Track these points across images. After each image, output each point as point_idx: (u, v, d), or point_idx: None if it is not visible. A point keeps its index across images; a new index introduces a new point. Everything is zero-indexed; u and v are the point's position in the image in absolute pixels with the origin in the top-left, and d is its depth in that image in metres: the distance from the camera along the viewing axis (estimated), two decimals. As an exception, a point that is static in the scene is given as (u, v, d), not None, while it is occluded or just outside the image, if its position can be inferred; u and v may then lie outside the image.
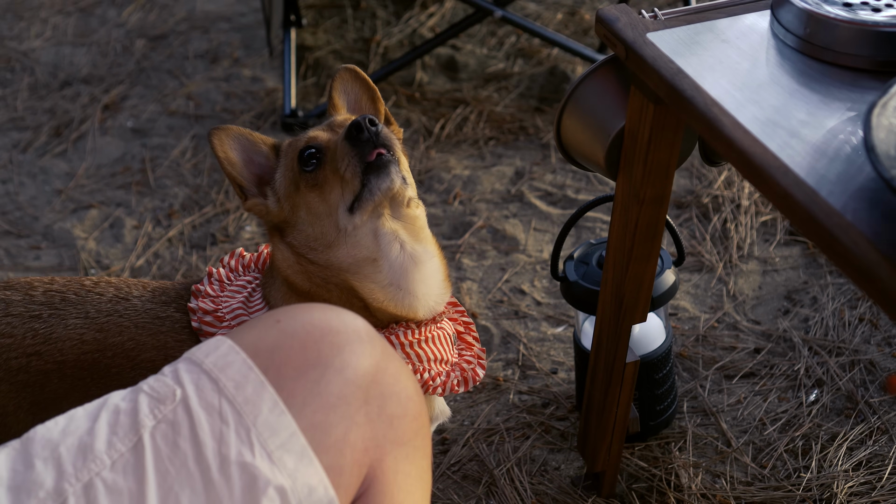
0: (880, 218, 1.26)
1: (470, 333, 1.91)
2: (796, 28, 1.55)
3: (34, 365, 1.72)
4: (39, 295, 1.77)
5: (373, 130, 1.69)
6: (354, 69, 1.88)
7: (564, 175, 3.02)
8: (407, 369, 1.45)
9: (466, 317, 1.92)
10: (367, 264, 1.74)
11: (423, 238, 1.79)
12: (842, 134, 1.39)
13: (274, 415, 1.30)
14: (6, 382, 1.72)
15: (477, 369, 1.85)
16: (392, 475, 1.39)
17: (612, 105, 1.70)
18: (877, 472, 2.15)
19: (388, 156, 1.70)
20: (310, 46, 3.58)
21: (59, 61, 3.62)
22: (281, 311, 1.42)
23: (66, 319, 1.74)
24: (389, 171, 1.70)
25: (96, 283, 1.80)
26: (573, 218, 2.09)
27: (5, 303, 1.76)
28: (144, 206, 3.01)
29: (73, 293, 1.78)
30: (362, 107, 1.89)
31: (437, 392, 1.79)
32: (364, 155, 1.68)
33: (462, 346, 1.90)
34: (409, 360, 1.76)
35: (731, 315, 2.55)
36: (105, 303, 1.77)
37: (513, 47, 3.55)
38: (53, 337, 1.73)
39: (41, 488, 1.24)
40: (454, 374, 1.81)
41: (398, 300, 1.76)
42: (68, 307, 1.76)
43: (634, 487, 2.17)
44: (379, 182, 1.69)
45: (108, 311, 1.75)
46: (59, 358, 1.72)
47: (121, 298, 1.78)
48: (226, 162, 1.78)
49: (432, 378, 1.78)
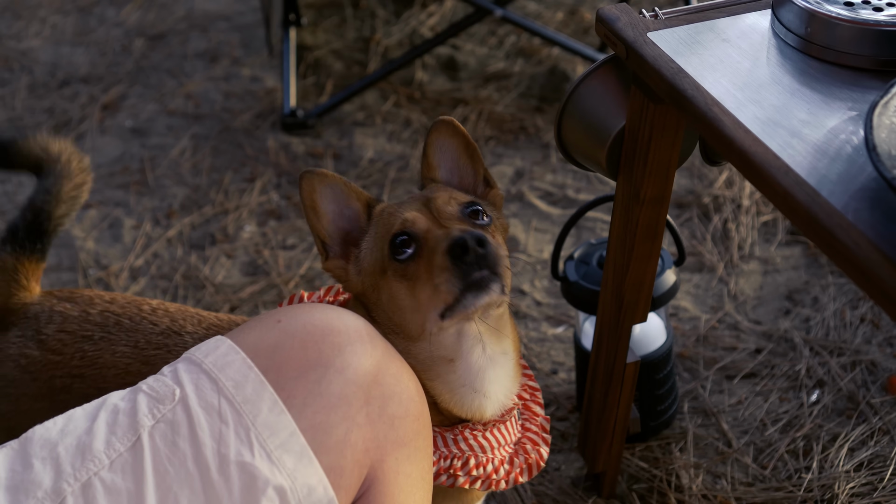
0: (882, 218, 1.25)
1: (535, 401, 1.75)
2: (797, 27, 1.55)
3: (77, 387, 1.65)
4: (96, 314, 1.69)
5: (480, 253, 1.47)
6: (453, 122, 1.66)
7: (565, 175, 3.01)
8: (408, 370, 1.44)
9: (534, 381, 1.76)
10: (442, 364, 1.57)
11: (505, 335, 1.62)
12: (843, 133, 1.39)
13: (273, 414, 1.30)
14: (48, 400, 1.66)
15: (542, 450, 1.68)
16: (393, 476, 1.38)
17: (612, 105, 1.70)
18: (878, 473, 2.15)
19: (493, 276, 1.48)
20: (309, 46, 3.58)
21: (58, 60, 3.62)
22: (282, 310, 1.42)
23: (115, 346, 1.66)
24: (490, 290, 1.48)
25: (154, 309, 1.71)
26: (573, 218, 2.09)
27: (62, 317, 1.69)
28: (143, 205, 3.00)
29: (129, 318, 1.69)
30: (460, 167, 1.69)
31: (500, 487, 1.63)
32: (466, 275, 1.47)
33: (526, 415, 1.73)
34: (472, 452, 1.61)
35: (732, 315, 2.55)
36: (156, 335, 1.66)
37: (513, 47, 3.54)
38: (100, 362, 1.65)
39: (39, 488, 1.24)
40: (518, 461, 1.65)
41: (467, 402, 1.60)
42: (120, 333, 1.67)
43: (635, 488, 2.17)
44: (476, 300, 1.48)
45: (157, 343, 1.66)
46: (102, 385, 1.63)
47: (173, 332, 1.67)
48: (311, 212, 1.59)
49: (496, 470, 1.62)
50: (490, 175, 1.70)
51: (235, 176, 3.08)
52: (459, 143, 1.68)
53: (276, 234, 2.88)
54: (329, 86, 3.41)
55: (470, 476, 1.59)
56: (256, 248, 2.84)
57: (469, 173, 1.70)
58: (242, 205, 2.97)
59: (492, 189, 1.69)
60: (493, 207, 1.67)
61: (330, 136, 3.21)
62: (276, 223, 2.91)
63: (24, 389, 1.67)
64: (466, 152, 1.68)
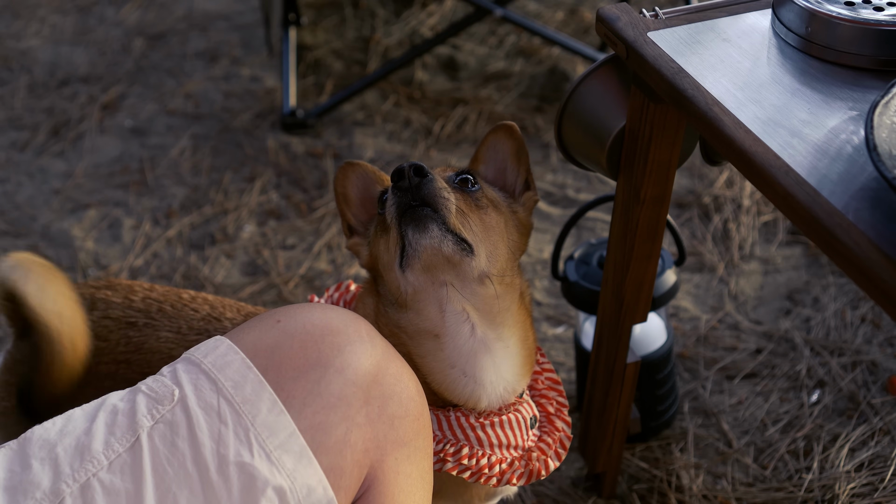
0: (882, 218, 1.25)
1: (561, 417, 1.72)
2: (798, 27, 1.54)
3: (122, 373, 1.66)
4: (138, 301, 1.71)
5: (414, 181, 1.49)
6: (513, 127, 1.72)
7: (565, 175, 3.01)
8: (408, 369, 1.44)
9: (563, 397, 1.73)
10: (428, 338, 1.57)
11: (501, 322, 1.60)
12: (843, 133, 1.39)
13: (273, 415, 1.30)
14: (92, 387, 1.63)
15: (549, 460, 1.66)
16: (393, 476, 1.38)
17: (612, 104, 1.69)
18: (879, 474, 2.15)
19: (428, 210, 1.49)
20: (309, 45, 3.58)
21: (57, 60, 3.61)
22: (281, 310, 1.42)
23: (159, 331, 1.67)
24: (427, 226, 1.49)
25: (193, 297, 1.74)
26: (574, 218, 2.09)
27: (105, 304, 1.71)
28: (143, 205, 3.00)
29: (171, 305, 1.71)
30: (506, 166, 1.73)
31: (490, 482, 1.61)
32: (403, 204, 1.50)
33: (547, 428, 1.70)
34: (467, 443, 1.60)
35: (733, 315, 2.55)
36: (198, 320, 1.69)
37: (513, 46, 3.54)
38: (145, 348, 1.66)
39: (38, 489, 1.24)
40: (519, 465, 1.63)
41: (459, 386, 1.59)
42: (163, 319, 1.69)
43: (635, 488, 2.17)
44: (417, 236, 1.49)
45: (199, 329, 1.68)
46: (147, 370, 1.63)
47: (213, 318, 1.70)
48: (341, 197, 1.69)
49: (490, 465, 1.60)
50: (532, 179, 1.75)
51: (235, 176, 3.08)
52: (512, 146, 1.73)
53: (275, 234, 2.87)
54: (329, 85, 3.41)
55: (460, 465, 1.58)
56: (256, 248, 2.83)
57: (513, 174, 1.74)
58: (242, 205, 2.97)
59: (528, 191, 1.74)
60: (522, 207, 1.72)
61: (330, 135, 3.21)
62: (275, 223, 2.91)
63: None
64: (516, 154, 1.73)
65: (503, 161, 1.74)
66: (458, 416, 1.61)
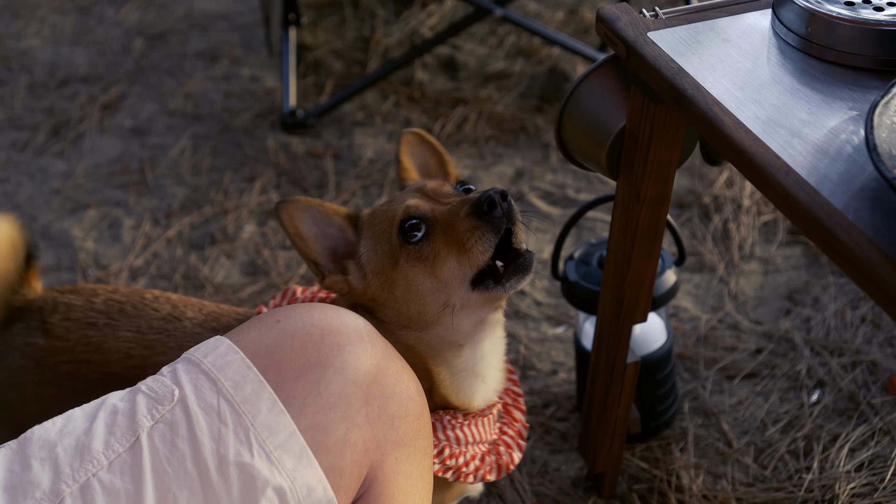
0: (882, 218, 1.25)
1: (517, 406, 1.80)
2: (798, 27, 1.54)
3: (82, 372, 1.70)
4: (100, 303, 1.75)
5: (504, 206, 1.56)
6: (420, 133, 1.79)
7: (565, 175, 3.01)
8: (408, 369, 1.44)
9: (518, 387, 1.82)
10: (451, 349, 1.63)
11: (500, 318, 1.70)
12: (843, 133, 1.39)
13: (273, 415, 1.30)
14: (54, 385, 1.71)
15: (514, 454, 1.74)
16: (393, 476, 1.38)
17: (612, 104, 1.69)
18: (879, 474, 2.15)
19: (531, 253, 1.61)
20: (309, 45, 3.58)
21: (57, 60, 3.61)
22: (281, 310, 1.42)
23: (118, 331, 1.71)
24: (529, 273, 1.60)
25: (156, 297, 1.76)
26: (574, 218, 2.09)
27: (67, 307, 1.74)
28: (143, 205, 3.00)
29: (132, 305, 1.74)
30: (431, 170, 1.80)
31: (467, 480, 1.67)
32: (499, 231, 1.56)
33: (506, 419, 1.78)
34: (447, 443, 1.66)
35: (733, 315, 2.55)
36: (158, 320, 1.72)
37: (513, 46, 3.54)
38: (104, 347, 1.70)
39: (38, 489, 1.23)
40: (489, 459, 1.70)
41: (466, 386, 1.67)
42: (123, 319, 1.72)
43: (635, 488, 2.17)
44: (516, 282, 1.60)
45: (158, 328, 1.71)
46: (107, 369, 1.68)
47: (174, 318, 1.72)
48: (297, 238, 1.65)
49: (466, 463, 1.67)
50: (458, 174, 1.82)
51: (235, 176, 3.08)
52: (427, 150, 1.79)
53: (275, 234, 2.87)
54: (329, 86, 3.41)
55: (444, 465, 1.64)
56: (256, 248, 2.83)
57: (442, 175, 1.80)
58: (242, 205, 2.97)
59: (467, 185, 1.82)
60: None
61: (330, 135, 3.21)
62: (275, 223, 2.91)
63: (30, 377, 1.72)
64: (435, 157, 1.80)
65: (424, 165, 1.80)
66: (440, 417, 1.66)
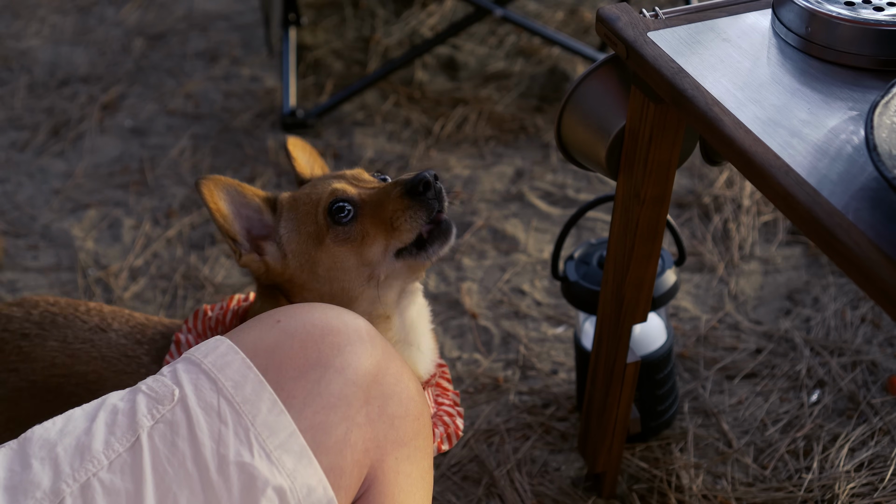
0: (882, 218, 1.25)
1: (444, 377, 1.84)
2: (798, 27, 1.54)
3: (11, 381, 1.76)
4: (37, 314, 1.80)
5: (438, 188, 1.66)
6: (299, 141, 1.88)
7: (565, 175, 3.01)
8: (408, 369, 1.44)
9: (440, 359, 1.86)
10: (380, 322, 1.69)
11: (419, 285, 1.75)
12: (843, 133, 1.39)
13: (273, 415, 1.30)
14: None
15: (457, 420, 1.77)
16: (393, 476, 1.38)
17: (612, 104, 1.69)
18: (879, 473, 2.15)
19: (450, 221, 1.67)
20: (309, 45, 3.58)
21: (57, 60, 3.62)
22: (281, 310, 1.42)
23: (46, 341, 1.77)
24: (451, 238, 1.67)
25: (88, 309, 1.81)
26: (574, 218, 2.09)
27: (7, 318, 1.80)
28: (143, 205, 3.00)
29: (64, 316, 1.80)
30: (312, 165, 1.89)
31: None
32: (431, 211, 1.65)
33: (437, 391, 1.81)
34: None
35: (733, 315, 2.55)
36: (85, 330, 1.78)
37: (513, 46, 3.54)
38: (31, 356, 1.76)
39: (38, 488, 1.24)
40: (438, 431, 1.73)
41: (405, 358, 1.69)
42: (53, 329, 1.78)
43: (635, 488, 2.17)
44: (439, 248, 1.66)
45: (83, 338, 1.76)
46: (32, 377, 1.75)
47: (100, 329, 1.78)
48: (217, 213, 1.68)
49: None
50: None
51: (235, 176, 3.08)
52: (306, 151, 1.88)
53: (275, 233, 2.87)
54: (329, 85, 3.41)
55: None
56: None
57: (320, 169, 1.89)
58: (242, 205, 2.97)
59: None
60: None
61: (330, 135, 3.21)
62: (275, 223, 2.91)
63: None
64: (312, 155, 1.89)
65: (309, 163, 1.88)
66: None
